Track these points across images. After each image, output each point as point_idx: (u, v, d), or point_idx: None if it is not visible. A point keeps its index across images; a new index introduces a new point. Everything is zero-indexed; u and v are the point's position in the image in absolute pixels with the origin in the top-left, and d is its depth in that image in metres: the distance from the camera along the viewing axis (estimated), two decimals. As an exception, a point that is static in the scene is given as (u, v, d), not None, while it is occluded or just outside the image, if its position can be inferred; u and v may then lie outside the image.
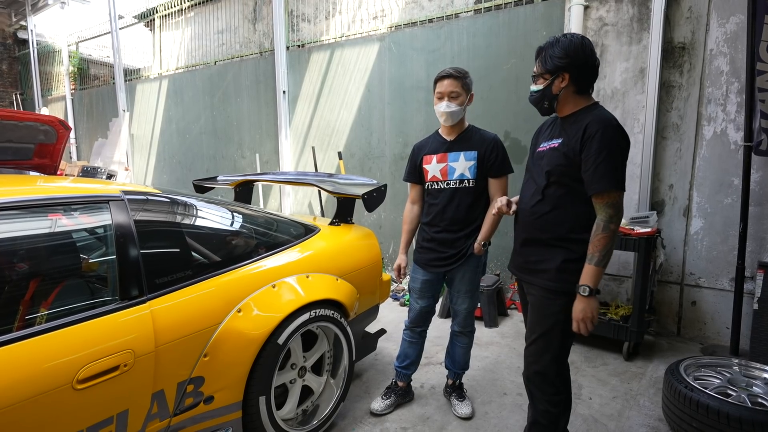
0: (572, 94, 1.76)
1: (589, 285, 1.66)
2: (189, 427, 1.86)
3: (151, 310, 1.71)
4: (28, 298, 1.62)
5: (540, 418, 1.89)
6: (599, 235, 1.65)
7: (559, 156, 1.74)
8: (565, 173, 1.73)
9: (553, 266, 1.77)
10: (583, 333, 1.70)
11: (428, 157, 2.45)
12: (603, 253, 1.65)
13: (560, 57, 1.70)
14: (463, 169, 2.37)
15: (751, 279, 3.17)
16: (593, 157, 1.64)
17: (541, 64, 1.76)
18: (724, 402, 2.07)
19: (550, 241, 1.79)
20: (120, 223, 1.77)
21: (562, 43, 1.70)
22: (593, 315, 1.67)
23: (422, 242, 2.53)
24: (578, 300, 1.69)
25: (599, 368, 3.09)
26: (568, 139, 1.72)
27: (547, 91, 1.76)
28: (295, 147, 5.95)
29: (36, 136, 3.44)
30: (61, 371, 1.45)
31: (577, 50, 1.69)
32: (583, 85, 1.75)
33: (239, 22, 6.56)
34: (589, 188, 1.67)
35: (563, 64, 1.70)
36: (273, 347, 2.03)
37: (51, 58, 10.25)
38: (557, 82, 1.73)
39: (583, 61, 1.70)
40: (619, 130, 1.67)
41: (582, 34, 1.76)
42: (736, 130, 3.23)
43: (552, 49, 1.72)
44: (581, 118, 1.72)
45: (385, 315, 3.80)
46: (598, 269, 1.65)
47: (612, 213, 1.65)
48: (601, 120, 1.66)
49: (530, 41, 4.01)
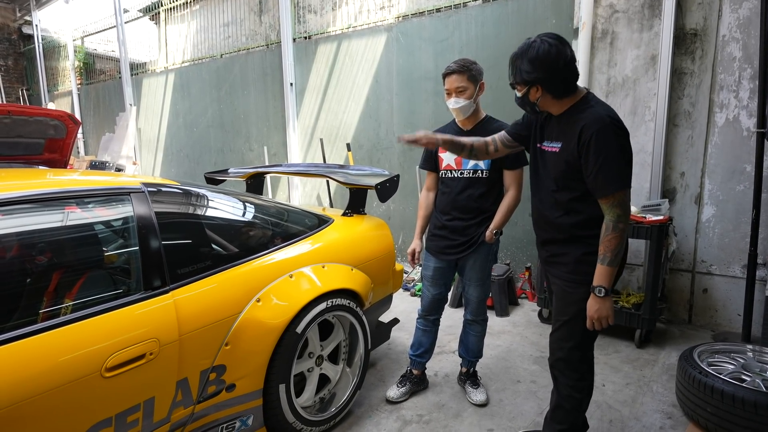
0: (551, 99, 1.72)
1: (604, 286, 1.67)
2: (212, 414, 1.90)
3: (174, 300, 1.74)
4: (52, 289, 1.65)
5: (564, 402, 1.92)
6: (609, 235, 1.65)
7: (561, 162, 1.74)
8: (570, 178, 1.73)
9: (572, 259, 1.80)
10: (597, 329, 1.74)
11: None
12: (615, 252, 1.65)
13: (528, 71, 1.65)
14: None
15: (763, 266, 3.17)
16: (592, 163, 1.62)
17: (514, 74, 1.73)
18: (738, 387, 2.09)
19: (567, 239, 1.82)
20: (141, 214, 1.80)
21: (529, 55, 1.64)
22: (608, 314, 1.70)
23: (434, 230, 2.55)
24: (592, 299, 1.71)
25: (611, 355, 3.11)
26: (567, 144, 1.71)
27: (526, 99, 1.75)
28: (302, 139, 5.96)
29: (46, 131, 3.47)
30: (90, 360, 1.49)
31: (543, 63, 1.62)
32: (559, 89, 1.69)
33: (245, 15, 6.55)
34: (595, 194, 1.68)
35: (532, 79, 1.66)
36: (292, 336, 2.06)
37: (56, 53, 10.27)
38: (532, 91, 1.71)
39: (553, 71, 1.64)
40: (614, 126, 1.61)
41: (553, 38, 1.65)
42: (749, 116, 3.22)
43: (521, 61, 1.67)
44: (575, 118, 1.68)
45: (396, 305, 3.82)
46: (611, 269, 1.67)
47: (620, 212, 1.64)
48: (595, 120, 1.61)
49: (540, 30, 3.90)
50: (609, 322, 1.72)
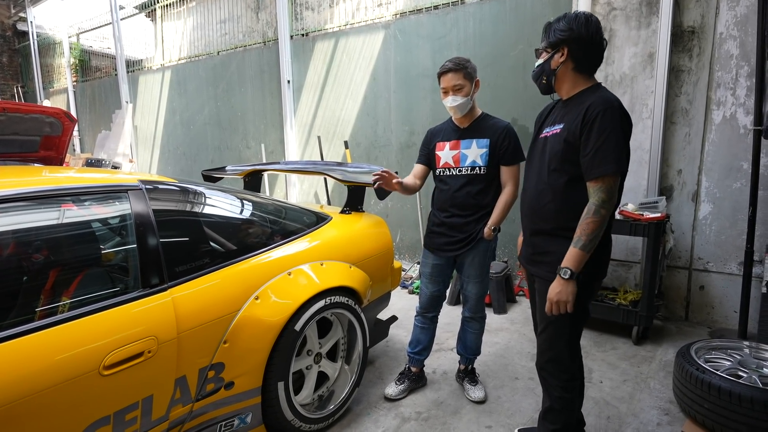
0: (571, 71, 1.73)
1: (570, 268, 1.62)
2: (211, 412, 1.90)
3: (172, 298, 1.73)
4: (49, 287, 1.64)
5: (555, 404, 1.90)
6: (589, 218, 1.61)
7: (560, 142, 1.71)
8: (566, 160, 1.70)
9: (557, 258, 1.72)
10: (554, 314, 1.68)
11: (441, 143, 2.46)
12: (590, 237, 1.61)
13: (563, 30, 1.68)
14: (475, 156, 2.38)
15: (759, 263, 3.19)
16: (593, 140, 1.60)
17: (545, 37, 1.75)
18: (735, 383, 2.10)
19: (554, 230, 1.77)
20: (139, 212, 1.79)
21: (568, 17, 1.70)
22: (569, 299, 1.64)
23: (432, 227, 2.55)
24: (556, 281, 1.66)
25: (609, 352, 3.12)
26: (569, 123, 1.69)
27: (546, 66, 1.74)
28: (300, 137, 5.95)
29: (42, 129, 3.45)
30: (88, 357, 1.48)
31: (581, 25, 1.66)
32: (582, 62, 1.71)
33: (242, 11, 6.52)
34: (588, 172, 1.63)
35: (564, 37, 1.68)
36: (290, 334, 2.06)
37: (52, 50, 10.20)
38: (556, 56, 1.72)
39: (585, 36, 1.66)
40: (622, 111, 1.63)
41: (591, 13, 1.75)
42: (746, 114, 3.22)
43: (558, 23, 1.71)
44: (583, 99, 1.69)
45: (394, 303, 3.82)
46: (582, 253, 1.62)
47: (605, 198, 1.60)
48: (603, 101, 1.62)
49: (538, 27, 3.98)
50: (568, 309, 1.65)
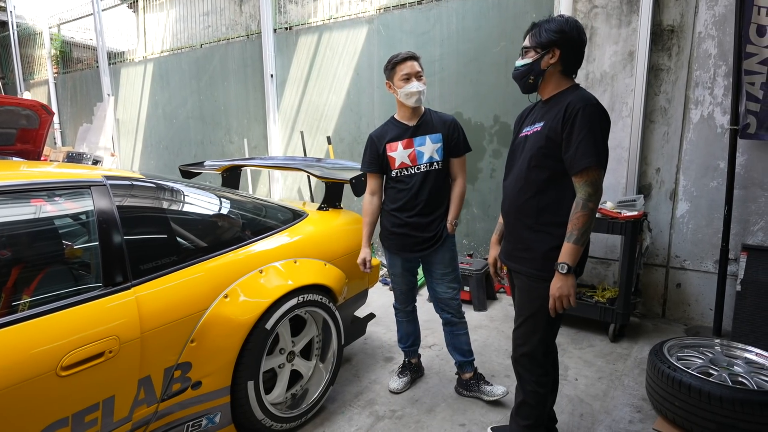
0: (558, 74, 1.76)
1: (567, 263, 1.66)
2: (177, 412, 1.86)
3: (136, 297, 1.69)
4: (10, 285, 1.59)
5: (528, 398, 1.92)
6: (578, 213, 1.65)
7: (541, 138, 1.74)
8: (546, 155, 1.73)
9: (539, 254, 1.78)
10: (558, 310, 1.71)
11: (392, 144, 2.41)
12: (582, 231, 1.65)
13: (555, 31, 1.69)
14: (431, 152, 2.38)
15: (734, 261, 3.22)
16: (575, 134, 1.64)
17: (534, 37, 1.75)
18: (705, 381, 2.12)
19: (534, 226, 1.79)
20: (102, 208, 1.74)
21: (558, 20, 1.72)
22: (570, 293, 1.68)
23: (393, 228, 2.48)
24: (556, 277, 1.69)
25: (585, 350, 3.13)
26: (549, 121, 1.73)
27: (535, 66, 1.74)
28: (283, 132, 5.89)
29: (18, 121, 3.37)
30: (44, 358, 1.44)
31: (572, 29, 1.70)
32: (570, 64, 1.75)
33: (225, 4, 6.42)
34: (571, 167, 1.67)
35: (557, 39, 1.69)
36: (261, 332, 2.03)
37: (32, 41, 9.98)
38: (547, 57, 1.72)
39: (576, 40, 1.71)
40: (600, 108, 1.67)
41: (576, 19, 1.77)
42: (723, 113, 3.25)
43: (548, 23, 1.72)
44: (561, 99, 1.73)
45: (374, 299, 3.81)
46: (576, 247, 1.66)
47: (591, 191, 1.64)
48: (582, 99, 1.67)
49: (520, 24, 3.97)
50: (571, 303, 1.69)
